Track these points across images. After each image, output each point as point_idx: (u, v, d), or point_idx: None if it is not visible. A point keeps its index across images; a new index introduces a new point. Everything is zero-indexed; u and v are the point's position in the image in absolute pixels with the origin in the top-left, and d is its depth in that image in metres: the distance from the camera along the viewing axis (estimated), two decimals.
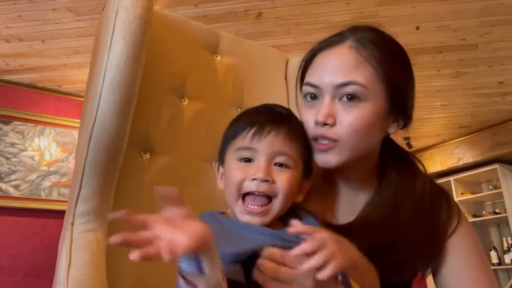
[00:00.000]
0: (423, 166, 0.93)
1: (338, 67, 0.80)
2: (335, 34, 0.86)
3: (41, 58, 3.10)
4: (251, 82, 1.19)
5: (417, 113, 0.87)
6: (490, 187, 4.89)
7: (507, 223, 4.55)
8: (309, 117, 0.83)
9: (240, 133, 0.77)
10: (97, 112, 0.83)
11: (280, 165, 0.75)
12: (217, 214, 0.77)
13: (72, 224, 0.85)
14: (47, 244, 3.20)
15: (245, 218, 0.73)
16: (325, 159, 0.81)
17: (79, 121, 0.97)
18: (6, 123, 3.32)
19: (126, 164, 0.92)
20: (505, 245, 4.73)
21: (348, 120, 0.79)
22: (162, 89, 1.03)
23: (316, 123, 0.80)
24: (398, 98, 0.82)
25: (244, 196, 0.74)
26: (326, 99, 0.81)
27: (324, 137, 0.80)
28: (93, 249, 0.83)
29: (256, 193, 0.73)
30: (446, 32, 2.79)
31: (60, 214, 1.61)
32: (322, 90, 0.81)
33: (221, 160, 0.81)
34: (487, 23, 2.71)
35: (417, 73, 0.83)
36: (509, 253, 4.65)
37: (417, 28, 2.72)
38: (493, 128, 4.47)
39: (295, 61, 1.24)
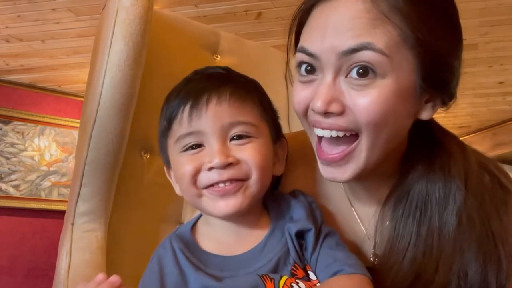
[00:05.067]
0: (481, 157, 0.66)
1: (345, 24, 0.55)
2: None
3: (41, 58, 3.09)
4: None
5: None
6: None
7: None
8: (304, 97, 0.59)
9: (174, 117, 0.60)
10: (97, 112, 0.83)
11: (239, 137, 0.58)
12: (178, 248, 0.59)
13: (72, 224, 0.85)
14: (47, 244, 3.20)
15: (220, 207, 0.57)
16: (333, 173, 0.60)
17: (79, 121, 0.97)
18: (6, 123, 3.32)
19: (126, 164, 0.92)
20: None
21: (362, 105, 0.54)
22: (162, 89, 1.03)
23: (313, 110, 0.58)
24: (435, 70, 0.57)
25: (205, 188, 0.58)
26: (328, 75, 0.56)
27: (329, 128, 0.58)
28: (93, 249, 0.83)
29: (221, 184, 0.57)
30: None
31: (60, 214, 1.62)
32: (321, 61, 0.57)
33: (165, 158, 0.65)
34: (487, 23, 2.70)
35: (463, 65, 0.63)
36: None
37: None
38: (493, 128, 4.47)
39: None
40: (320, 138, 0.61)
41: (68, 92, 3.58)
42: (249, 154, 0.58)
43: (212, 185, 0.58)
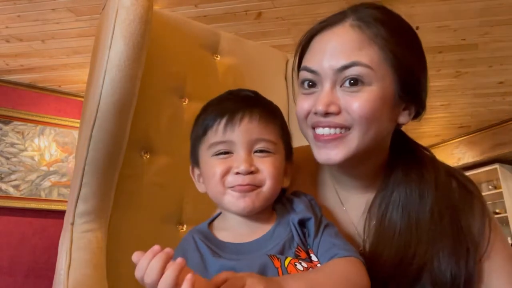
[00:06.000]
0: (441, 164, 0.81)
1: (339, 49, 0.71)
2: (335, 13, 0.76)
3: (41, 58, 3.10)
4: (251, 82, 1.19)
5: None
6: (490, 187, 4.89)
7: (507, 223, 4.54)
8: (307, 105, 0.74)
9: (210, 127, 0.71)
10: (97, 112, 0.83)
11: (261, 151, 0.70)
12: (198, 238, 0.69)
13: (72, 224, 0.85)
14: (47, 244, 3.20)
15: (240, 204, 0.68)
16: (329, 155, 0.73)
17: (79, 121, 0.97)
18: (6, 123, 3.32)
19: (126, 164, 0.92)
20: None
21: (355, 105, 0.70)
22: (162, 89, 1.03)
23: (315, 113, 0.72)
24: (409, 83, 0.73)
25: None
26: (326, 86, 0.72)
27: (328, 126, 0.72)
28: (93, 249, 0.83)
29: (242, 187, 0.68)
30: (446, 32, 2.79)
31: (60, 214, 1.62)
32: (321, 76, 0.72)
33: (195, 161, 0.75)
34: (487, 23, 2.71)
35: (429, 83, 0.77)
36: None
37: (417, 28, 2.69)
38: (493, 128, 4.47)
39: None
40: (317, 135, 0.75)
41: (68, 92, 3.58)
42: (267, 166, 0.69)
43: (234, 186, 0.68)
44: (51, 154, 3.46)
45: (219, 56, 1.16)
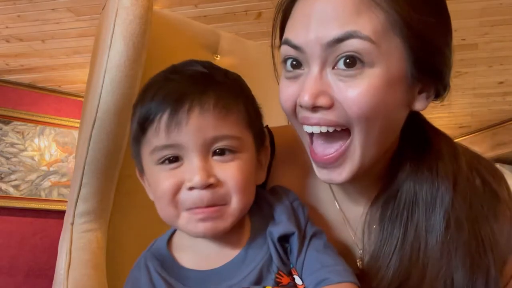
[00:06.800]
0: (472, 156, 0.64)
1: (329, 14, 0.52)
2: None
3: (41, 58, 3.09)
4: (251, 82, 1.18)
5: None
6: None
7: None
8: (290, 94, 0.57)
9: (150, 123, 0.53)
10: (97, 112, 0.83)
11: (221, 152, 0.52)
12: (153, 269, 0.56)
13: (72, 224, 0.85)
14: (47, 244, 3.20)
15: (199, 229, 0.53)
16: (330, 176, 0.57)
17: (79, 121, 0.97)
18: (6, 123, 3.32)
19: (126, 164, 0.92)
20: None
21: (351, 97, 0.52)
22: None
23: (301, 106, 0.55)
24: (426, 57, 0.55)
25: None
26: (314, 68, 0.54)
27: (317, 124, 0.55)
28: (93, 249, 0.83)
29: (200, 209, 0.52)
30: None
31: (60, 214, 1.61)
32: (307, 53, 0.54)
33: (139, 163, 0.60)
34: (487, 23, 2.70)
35: (454, 53, 0.61)
36: None
37: None
38: (493, 128, 4.47)
39: None
40: (311, 138, 0.59)
41: (68, 92, 3.58)
42: (231, 174, 0.52)
43: (190, 209, 0.53)
44: (51, 154, 3.46)
45: (219, 56, 1.16)
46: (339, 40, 0.52)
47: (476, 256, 0.57)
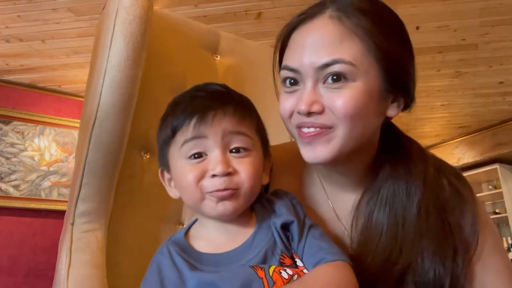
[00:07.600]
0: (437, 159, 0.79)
1: (319, 44, 0.68)
2: (314, 4, 0.73)
3: (41, 58, 3.10)
4: (251, 82, 1.19)
5: (417, 113, 0.81)
6: (490, 187, 4.89)
7: (507, 223, 4.55)
8: (289, 105, 0.71)
9: (179, 128, 0.66)
10: (97, 112, 0.83)
11: (237, 150, 0.66)
12: (174, 251, 0.66)
13: (72, 224, 0.85)
14: (47, 244, 3.20)
15: (219, 208, 0.65)
16: (315, 152, 0.70)
17: (79, 121, 0.97)
18: (6, 123, 3.32)
19: (126, 164, 0.92)
20: (506, 245, 4.73)
21: (338, 103, 0.66)
22: (162, 89, 1.03)
23: (299, 113, 0.69)
24: (396, 74, 0.70)
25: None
26: (308, 84, 0.69)
27: (312, 126, 0.69)
28: (93, 249, 0.83)
29: (219, 192, 0.64)
30: (446, 32, 2.79)
31: (60, 214, 1.62)
32: (302, 74, 0.69)
33: (164, 164, 0.71)
34: (487, 23, 2.71)
35: (417, 73, 0.75)
36: (510, 253, 4.65)
37: (417, 28, 2.72)
38: (493, 128, 4.47)
39: None
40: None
41: (68, 92, 3.58)
42: (245, 167, 0.66)
43: (212, 192, 0.65)
44: (51, 154, 3.46)
45: (219, 56, 1.16)
46: (328, 65, 0.67)
47: (442, 238, 0.71)
